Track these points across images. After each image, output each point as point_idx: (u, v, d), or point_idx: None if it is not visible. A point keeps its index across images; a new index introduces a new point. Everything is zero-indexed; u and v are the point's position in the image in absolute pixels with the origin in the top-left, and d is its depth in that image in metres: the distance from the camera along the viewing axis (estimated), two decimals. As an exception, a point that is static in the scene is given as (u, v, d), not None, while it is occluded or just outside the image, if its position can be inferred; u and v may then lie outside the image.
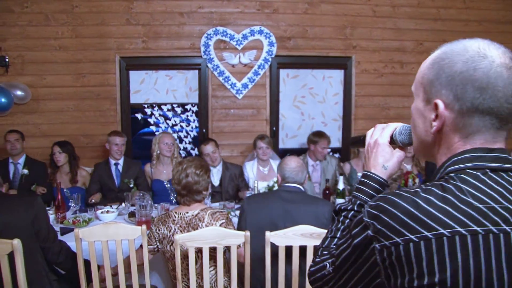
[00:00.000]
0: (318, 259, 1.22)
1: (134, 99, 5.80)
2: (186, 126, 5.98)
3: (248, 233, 2.82)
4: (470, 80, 0.98)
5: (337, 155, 6.20)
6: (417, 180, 4.89)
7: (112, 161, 5.00)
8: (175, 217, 3.03)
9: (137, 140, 7.38)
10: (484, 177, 0.98)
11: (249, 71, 5.84)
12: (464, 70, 0.99)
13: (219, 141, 5.40)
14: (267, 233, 2.85)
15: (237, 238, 2.82)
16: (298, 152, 6.07)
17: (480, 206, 0.93)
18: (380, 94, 6.24)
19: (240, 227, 3.18)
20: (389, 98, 6.27)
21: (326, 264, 1.16)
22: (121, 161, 5.01)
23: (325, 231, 2.82)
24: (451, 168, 1.02)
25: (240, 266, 2.97)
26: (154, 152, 4.98)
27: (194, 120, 5.97)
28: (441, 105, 1.02)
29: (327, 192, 4.54)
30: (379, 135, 1.34)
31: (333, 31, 5.98)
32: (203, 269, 2.85)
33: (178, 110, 5.93)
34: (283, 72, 6.05)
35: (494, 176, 0.98)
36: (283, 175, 3.33)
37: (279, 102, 6.07)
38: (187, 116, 5.95)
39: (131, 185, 4.74)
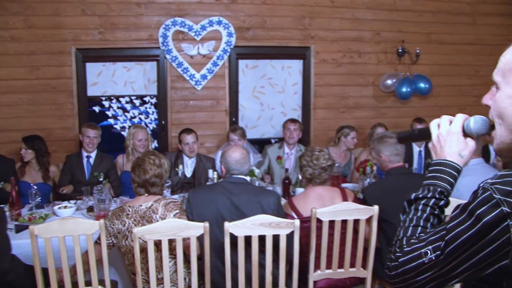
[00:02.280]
0: (407, 248, 1.16)
1: (92, 91, 5.69)
2: (145, 118, 5.92)
3: (207, 224, 2.83)
4: None
5: (301, 145, 6.25)
6: (375, 168, 4.97)
7: (84, 154, 4.94)
8: (129, 211, 3.01)
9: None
10: None
11: (208, 62, 5.81)
12: None
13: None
14: (226, 224, 2.87)
15: (196, 230, 2.83)
16: (258, 142, 6.11)
17: None
18: (338, 83, 6.31)
19: (187, 218, 3.17)
20: (347, 88, 6.36)
21: (426, 252, 1.10)
22: (93, 154, 4.94)
23: (285, 220, 2.89)
24: None
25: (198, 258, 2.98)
26: (129, 147, 4.94)
27: (153, 112, 5.92)
28: None
29: (287, 181, 4.59)
30: (450, 125, 1.31)
31: (291, 21, 6.01)
32: (163, 262, 2.84)
33: (137, 102, 5.86)
34: (242, 63, 6.05)
35: None
36: (228, 167, 3.31)
37: (238, 92, 6.08)
38: (146, 108, 5.89)
39: (101, 179, 4.68)
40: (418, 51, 6.31)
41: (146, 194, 3.08)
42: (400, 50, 6.29)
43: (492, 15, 6.68)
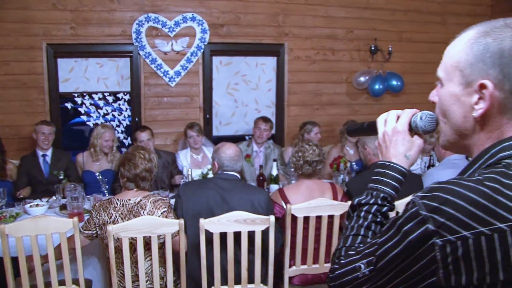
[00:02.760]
0: (344, 261, 1.11)
1: (64, 87, 5.59)
2: (118, 115, 5.85)
3: (182, 221, 2.83)
4: None
5: (270, 141, 6.27)
6: (348, 165, 5.02)
7: (40, 152, 4.79)
8: (117, 203, 3.00)
9: (68, 130, 7.14)
10: None
11: (182, 59, 5.78)
12: None
13: (153, 130, 5.34)
14: (201, 220, 2.87)
15: (171, 227, 2.83)
16: (232, 139, 6.10)
17: None
18: (312, 80, 6.35)
19: (176, 215, 3.17)
20: (321, 85, 6.40)
21: (360, 266, 1.05)
22: (49, 152, 4.81)
23: (260, 216, 2.90)
24: (504, 154, 0.97)
25: (177, 255, 2.97)
26: (97, 147, 4.82)
27: (126, 109, 5.86)
28: (490, 84, 0.96)
29: (261, 178, 4.60)
30: (396, 122, 1.25)
31: (265, 18, 6.02)
32: (138, 259, 2.83)
33: (110, 99, 5.79)
34: (216, 60, 6.03)
35: None
36: (221, 163, 3.31)
37: (212, 89, 6.06)
38: (119, 105, 5.83)
39: (61, 177, 4.58)
40: (390, 49, 6.39)
41: (136, 189, 3.07)
42: (373, 48, 6.36)
43: (461, 15, 6.81)
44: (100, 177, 4.53)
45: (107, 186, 4.44)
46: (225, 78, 6.13)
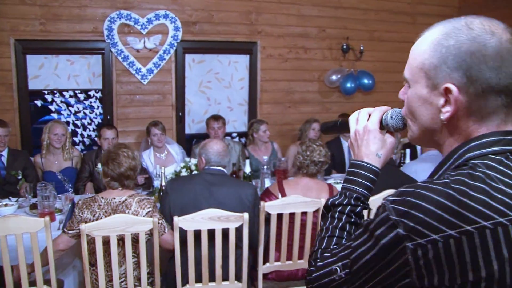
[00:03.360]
0: (320, 263, 1.11)
1: (33, 85, 5.50)
2: (90, 113, 5.78)
3: (156, 219, 2.82)
4: (484, 60, 0.93)
5: (243, 140, 6.29)
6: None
7: None
8: (101, 202, 2.96)
9: (38, 128, 7.00)
10: (507, 162, 0.94)
11: (154, 56, 5.74)
12: (475, 49, 0.94)
13: (125, 128, 5.33)
14: (175, 218, 2.87)
15: (145, 225, 2.81)
16: (205, 137, 6.09)
17: None
18: (284, 78, 6.39)
19: (163, 211, 3.17)
20: (293, 83, 6.44)
21: (336, 269, 1.05)
22: (4, 153, 4.61)
23: (234, 214, 2.91)
24: (471, 154, 0.98)
25: (152, 253, 2.96)
26: (44, 141, 4.71)
27: (98, 106, 5.79)
28: (454, 89, 0.96)
29: (234, 176, 4.61)
30: (367, 120, 1.25)
31: (238, 16, 6.03)
32: (112, 258, 2.81)
33: (81, 96, 5.71)
34: (188, 57, 6.02)
35: None
36: (208, 159, 3.34)
37: (185, 87, 6.04)
38: (91, 102, 5.75)
39: (19, 177, 4.46)
40: (362, 48, 6.47)
41: (120, 188, 3.04)
42: (344, 47, 6.43)
43: (431, 16, 6.93)
44: (61, 175, 4.43)
45: (69, 185, 4.33)
46: (198, 76, 6.11)
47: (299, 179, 3.54)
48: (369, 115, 1.26)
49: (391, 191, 3.30)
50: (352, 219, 1.20)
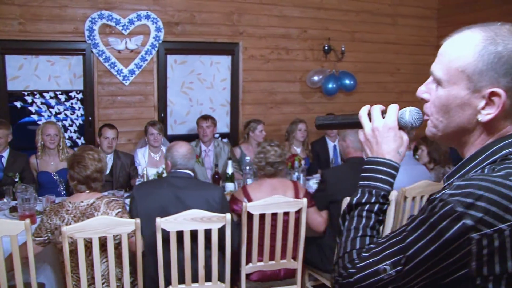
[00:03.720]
0: (360, 264, 1.09)
1: (12, 86, 5.42)
2: (71, 114, 5.73)
3: (138, 220, 2.82)
4: None
5: (225, 140, 6.29)
6: (303, 162, 5.10)
7: None
8: (69, 206, 2.94)
9: (17, 130, 6.92)
10: None
11: (136, 57, 5.71)
12: None
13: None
14: (158, 219, 2.86)
15: (127, 226, 2.80)
16: (187, 138, 6.09)
17: None
18: (266, 79, 6.41)
19: (131, 216, 3.13)
20: (275, 84, 6.47)
21: (384, 268, 1.04)
22: (5, 154, 4.62)
23: (216, 214, 2.92)
24: (510, 150, 1.04)
25: (134, 255, 2.95)
26: (38, 143, 4.69)
27: (79, 108, 5.74)
28: (503, 94, 1.01)
29: (216, 176, 4.62)
30: (385, 118, 1.25)
31: (220, 17, 6.03)
32: (94, 260, 2.79)
33: (62, 97, 5.66)
34: (170, 58, 6.00)
35: None
36: (174, 162, 3.32)
37: (167, 88, 6.03)
38: (72, 104, 5.70)
39: (17, 179, 4.43)
40: (343, 48, 6.52)
41: (88, 191, 3.02)
42: (326, 48, 6.48)
43: (411, 17, 7.05)
44: (57, 177, 4.42)
45: (63, 186, 4.33)
46: (180, 77, 6.10)
47: (263, 180, 3.55)
48: (382, 112, 1.27)
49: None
50: (380, 217, 1.21)
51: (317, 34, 6.52)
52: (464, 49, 1.05)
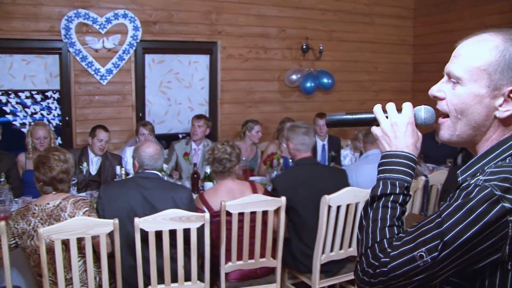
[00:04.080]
0: (394, 253, 1.09)
1: (-15, 85, 5.34)
2: (48, 114, 5.66)
3: (116, 220, 2.80)
4: None
5: (209, 140, 6.27)
6: (281, 161, 5.12)
7: None
8: (35, 209, 2.90)
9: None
10: None
11: (114, 56, 5.66)
12: None
13: (84, 129, 5.24)
14: (136, 219, 2.85)
15: (105, 227, 2.79)
16: (166, 137, 6.08)
17: None
18: (245, 78, 6.42)
19: (98, 215, 3.10)
20: (254, 83, 6.48)
21: (421, 254, 1.05)
22: None
23: (195, 214, 2.91)
24: None
25: (112, 256, 2.93)
26: (29, 145, 4.62)
27: (56, 107, 5.67)
28: None
29: (195, 176, 4.60)
30: (402, 114, 1.28)
31: (198, 16, 6.02)
32: (71, 262, 2.77)
33: (38, 97, 5.59)
34: (148, 57, 5.97)
35: None
36: (141, 162, 3.30)
37: (145, 87, 5.99)
38: (48, 103, 5.63)
39: (2, 179, 4.37)
40: (321, 47, 6.56)
41: (54, 192, 2.98)
42: (304, 47, 6.51)
43: (388, 17, 7.14)
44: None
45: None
46: (158, 76, 6.08)
47: (218, 185, 3.54)
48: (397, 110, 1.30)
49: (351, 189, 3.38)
50: (404, 208, 1.23)
51: (295, 33, 6.55)
52: (486, 49, 1.13)
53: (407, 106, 1.28)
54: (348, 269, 3.72)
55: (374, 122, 1.33)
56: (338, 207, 3.35)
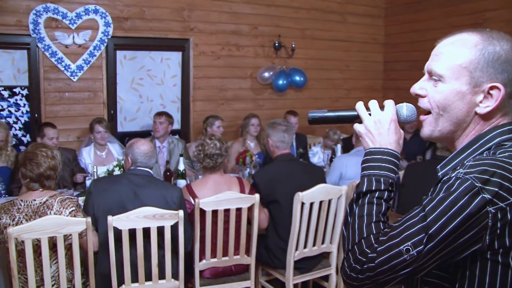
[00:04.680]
0: (381, 248, 1.11)
1: (-52, 81, 5.19)
2: (16, 111, 5.54)
3: (89, 219, 2.77)
4: None
5: (175, 137, 6.24)
6: (254, 158, 5.13)
7: None
8: (21, 205, 2.84)
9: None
10: None
11: (84, 52, 5.57)
12: None
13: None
14: (109, 217, 2.82)
15: (78, 225, 2.75)
16: (138, 135, 6.01)
17: None
18: (217, 76, 6.41)
19: (86, 211, 3.06)
20: (226, 80, 6.47)
21: (407, 248, 1.07)
22: None
23: (169, 211, 2.90)
24: (505, 137, 1.16)
25: (85, 255, 2.90)
26: None
27: (24, 104, 5.55)
28: (502, 88, 1.14)
29: (168, 173, 4.58)
30: (385, 111, 1.29)
31: (171, 13, 5.97)
32: (43, 262, 2.72)
33: (5, 93, 5.46)
34: (120, 54, 5.90)
35: None
36: (135, 159, 3.27)
37: (116, 84, 5.92)
38: (16, 100, 5.50)
39: None
40: (293, 45, 6.60)
41: (41, 189, 2.93)
42: (276, 44, 6.54)
43: (360, 15, 7.22)
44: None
45: (3, 186, 4.20)
46: (130, 73, 6.01)
47: (207, 178, 3.54)
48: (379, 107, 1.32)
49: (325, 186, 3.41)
50: (389, 204, 1.24)
51: (268, 31, 6.57)
52: (466, 48, 1.18)
53: (389, 103, 1.31)
54: (322, 265, 3.76)
55: (357, 119, 1.34)
56: (311, 204, 3.39)
